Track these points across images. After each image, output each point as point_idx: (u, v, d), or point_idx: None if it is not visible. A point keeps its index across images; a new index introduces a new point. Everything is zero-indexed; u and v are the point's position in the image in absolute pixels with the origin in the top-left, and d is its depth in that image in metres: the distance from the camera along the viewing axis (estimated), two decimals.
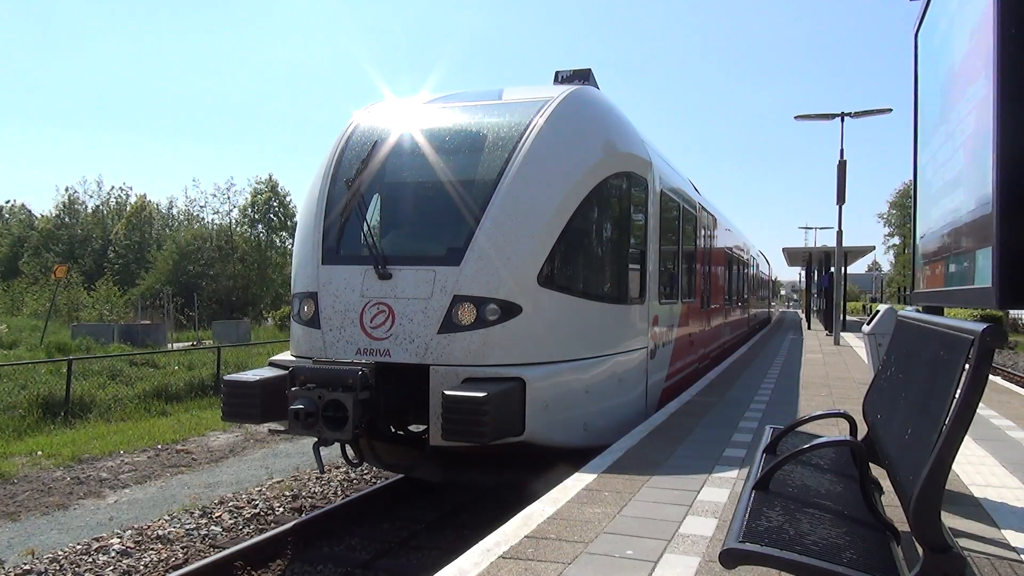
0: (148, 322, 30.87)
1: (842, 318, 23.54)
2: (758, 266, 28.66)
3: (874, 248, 39.82)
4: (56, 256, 54.77)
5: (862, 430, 4.20)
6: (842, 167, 20.92)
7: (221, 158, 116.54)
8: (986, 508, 4.82)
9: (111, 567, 6.34)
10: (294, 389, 6.06)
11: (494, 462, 6.76)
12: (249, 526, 7.42)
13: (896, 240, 78.79)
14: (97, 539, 6.98)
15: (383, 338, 6.36)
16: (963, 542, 4.09)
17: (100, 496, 8.64)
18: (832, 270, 26.43)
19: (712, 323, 14.46)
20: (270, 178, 57.60)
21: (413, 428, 7.11)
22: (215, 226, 57.25)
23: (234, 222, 56.87)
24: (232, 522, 7.49)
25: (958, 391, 2.37)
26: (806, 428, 4.21)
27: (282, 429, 6.60)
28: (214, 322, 33.69)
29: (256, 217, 56.96)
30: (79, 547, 6.76)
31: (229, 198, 56.67)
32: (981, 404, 2.51)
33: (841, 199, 20.98)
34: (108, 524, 7.52)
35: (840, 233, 21.39)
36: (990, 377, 2.75)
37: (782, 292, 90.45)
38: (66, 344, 21.35)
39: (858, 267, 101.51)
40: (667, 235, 9.58)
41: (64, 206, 64.67)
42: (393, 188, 7.47)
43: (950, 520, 4.43)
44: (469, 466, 6.91)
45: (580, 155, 7.09)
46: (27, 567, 6.28)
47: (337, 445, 6.56)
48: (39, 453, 10.60)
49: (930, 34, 5.69)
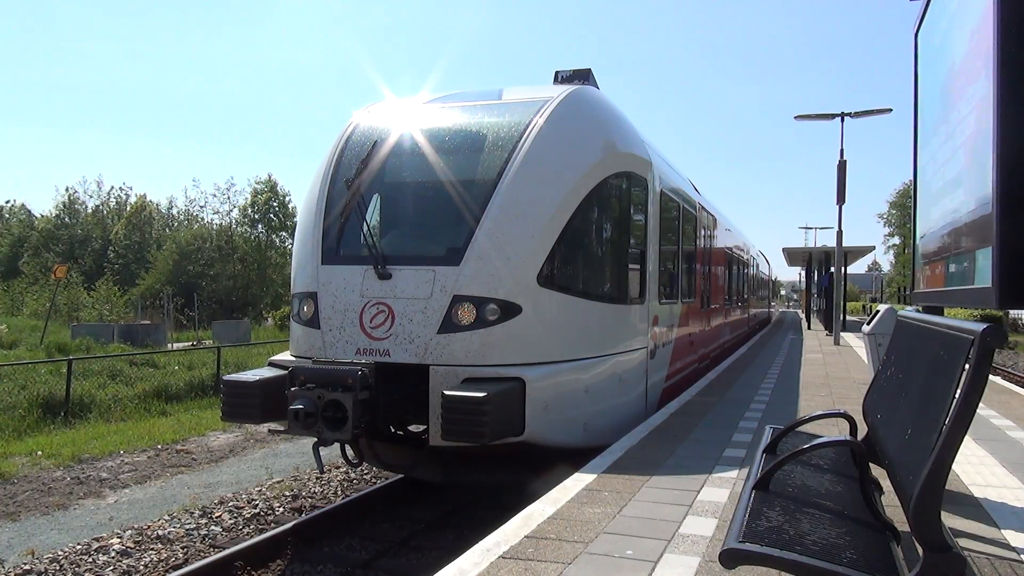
0: (148, 322, 30.89)
1: (842, 318, 23.55)
2: (758, 266, 28.66)
3: (874, 248, 39.95)
4: (56, 256, 54.75)
5: (862, 430, 4.20)
6: (842, 167, 20.93)
7: (221, 158, 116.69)
8: (986, 508, 4.81)
9: (111, 567, 6.34)
10: (294, 389, 6.05)
11: (494, 462, 6.75)
12: (249, 526, 7.42)
13: (896, 240, 78.82)
14: (97, 539, 6.98)
15: (383, 338, 6.36)
16: (963, 542, 4.09)
17: (100, 496, 8.63)
18: (832, 270, 26.44)
19: (712, 323, 14.46)
20: (269, 178, 57.70)
21: (413, 428, 7.10)
22: (215, 226, 57.32)
23: (234, 222, 56.93)
24: (232, 522, 7.49)
25: (958, 391, 2.37)
26: (806, 428, 4.21)
27: (282, 429, 6.60)
28: (214, 322, 33.67)
29: (256, 217, 56.96)
30: (79, 547, 6.76)
31: (229, 198, 56.80)
32: (981, 404, 2.51)
33: (841, 199, 21.00)
34: (108, 524, 7.52)
35: (840, 233, 21.41)
36: (990, 377, 2.74)
37: (782, 292, 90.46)
38: (66, 344, 21.35)
39: (858, 267, 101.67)
40: (667, 235, 9.57)
41: (64, 206, 64.71)
42: (393, 188, 7.47)
43: (950, 520, 4.43)
44: (469, 466, 6.90)
45: (580, 155, 7.09)
46: (27, 567, 6.28)
47: (337, 445, 6.56)
48: (39, 453, 10.61)
49: (930, 34, 5.69)
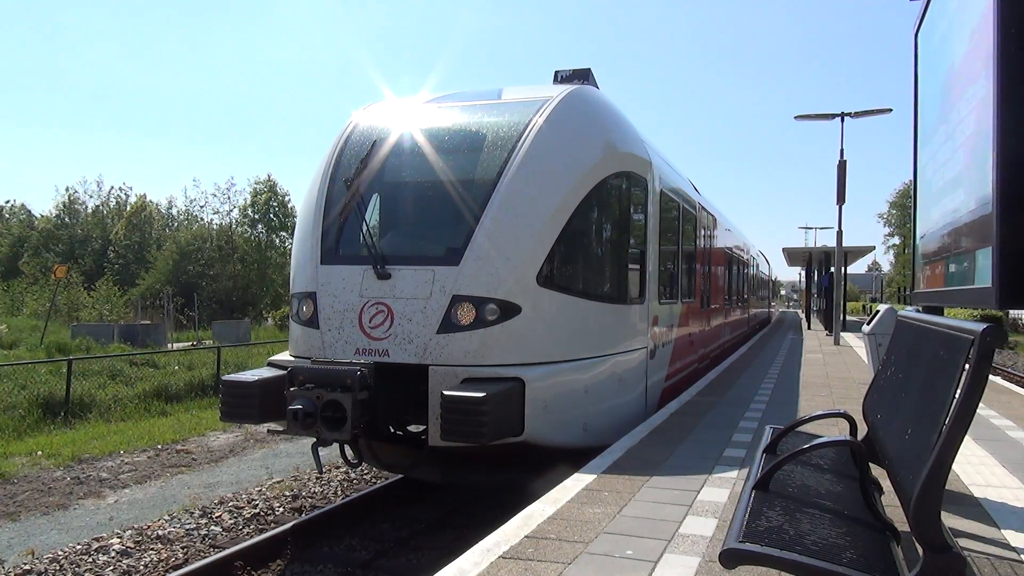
0: (148, 322, 30.90)
1: (842, 318, 23.54)
2: (758, 266, 28.66)
3: (874, 248, 39.93)
4: (56, 256, 54.77)
5: (862, 430, 4.20)
6: (842, 167, 20.94)
7: (221, 158, 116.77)
8: (986, 508, 4.81)
9: (111, 567, 6.34)
10: (293, 389, 6.04)
11: (493, 462, 6.74)
12: (249, 526, 7.42)
13: (896, 240, 78.87)
14: (97, 539, 6.98)
15: (382, 338, 6.35)
16: (963, 542, 4.09)
17: (100, 496, 8.63)
18: (832, 270, 26.44)
19: (712, 323, 14.45)
20: (269, 178, 57.70)
21: (412, 428, 7.10)
22: (215, 226, 57.32)
23: (234, 222, 56.93)
24: (232, 522, 7.48)
25: (958, 391, 2.37)
26: (806, 428, 4.20)
27: (281, 429, 6.60)
28: (214, 322, 33.67)
29: (256, 217, 56.95)
30: (79, 547, 6.75)
31: (229, 198, 56.80)
32: (981, 404, 2.50)
33: (841, 199, 21.00)
34: (108, 524, 7.52)
35: (840, 233, 21.41)
36: (990, 377, 2.74)
37: (782, 292, 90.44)
38: (66, 344, 21.36)
39: (858, 267, 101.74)
40: (667, 235, 9.56)
41: (64, 206, 64.69)
42: (392, 188, 7.46)
43: (950, 520, 4.42)
44: (468, 466, 6.89)
45: (579, 155, 7.08)
46: (27, 567, 6.28)
47: (336, 445, 6.55)
48: (39, 453, 10.60)
49: (930, 34, 5.69)
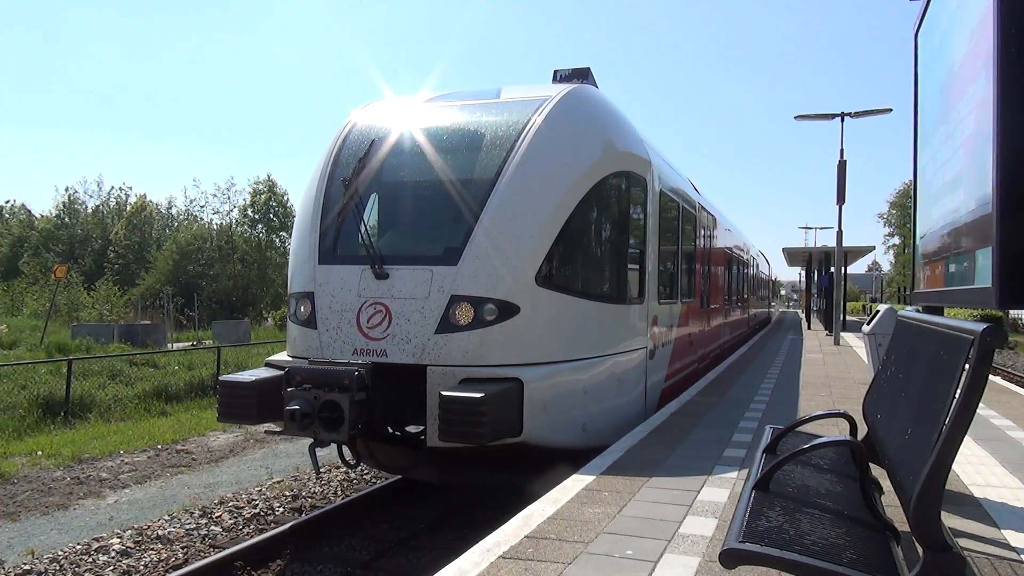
0: (148, 322, 30.89)
1: (842, 318, 23.53)
2: (758, 266, 28.65)
3: (874, 248, 39.89)
4: (56, 256, 54.79)
5: (862, 430, 4.19)
6: (842, 167, 20.92)
7: (221, 158, 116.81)
8: (986, 508, 4.81)
9: (111, 567, 6.33)
10: (290, 390, 6.03)
11: (492, 463, 6.73)
12: (249, 526, 7.42)
13: (896, 240, 78.84)
14: (97, 539, 6.98)
15: (380, 338, 6.34)
16: (963, 542, 4.08)
17: (100, 496, 8.63)
18: (832, 270, 26.43)
19: (712, 323, 14.44)
20: (268, 178, 57.75)
21: (410, 429, 7.09)
22: (215, 226, 57.34)
23: (234, 222, 56.94)
24: (232, 522, 7.48)
25: (958, 391, 2.37)
26: (806, 428, 4.20)
27: (278, 430, 6.59)
28: (214, 322, 33.68)
29: (256, 217, 56.99)
30: (79, 547, 6.75)
31: (229, 198, 56.84)
32: (981, 404, 2.50)
33: (841, 199, 20.99)
34: (108, 524, 7.51)
35: (840, 233, 21.40)
36: (990, 377, 2.74)
37: (782, 292, 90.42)
38: (66, 344, 21.35)
39: (858, 267, 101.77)
40: (666, 235, 9.55)
41: (64, 206, 64.73)
42: (390, 187, 7.44)
43: (950, 520, 4.42)
44: (467, 467, 6.88)
45: (579, 154, 7.07)
46: (27, 567, 6.28)
47: (335, 445, 6.53)
48: (39, 453, 10.60)
49: (930, 34, 5.69)
